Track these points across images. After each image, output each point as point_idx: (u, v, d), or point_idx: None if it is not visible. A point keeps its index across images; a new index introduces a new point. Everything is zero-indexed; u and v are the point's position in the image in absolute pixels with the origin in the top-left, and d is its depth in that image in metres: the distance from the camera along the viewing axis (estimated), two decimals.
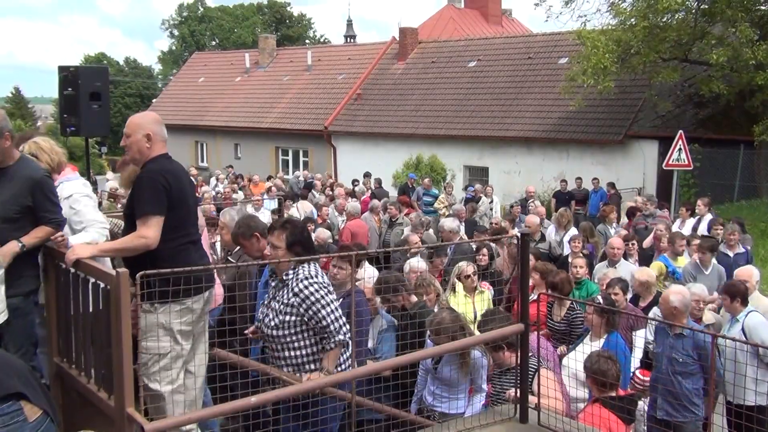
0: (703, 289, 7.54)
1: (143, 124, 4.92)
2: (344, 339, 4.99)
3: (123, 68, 68.67)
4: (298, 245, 5.10)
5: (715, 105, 22.30)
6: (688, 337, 6.38)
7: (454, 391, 5.85)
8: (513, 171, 26.43)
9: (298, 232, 5.17)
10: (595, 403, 5.69)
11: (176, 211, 4.78)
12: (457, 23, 45.75)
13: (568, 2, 23.24)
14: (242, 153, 36.60)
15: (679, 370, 6.37)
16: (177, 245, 4.80)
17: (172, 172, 4.85)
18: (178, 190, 4.80)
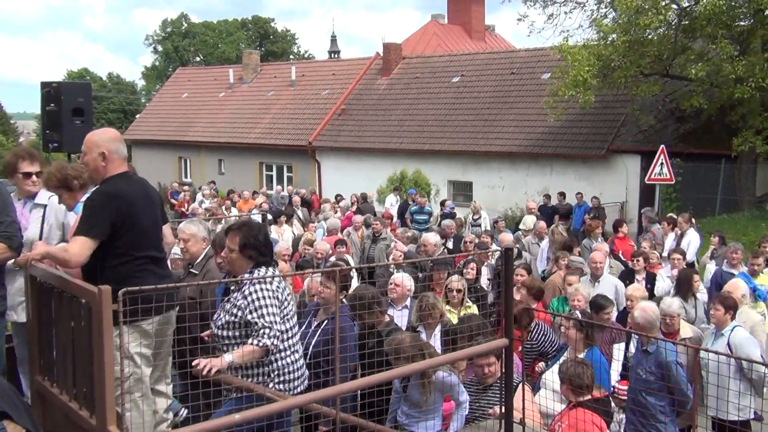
0: (671, 304, 7.54)
1: (99, 142, 4.87)
2: (267, 345, 4.78)
3: (106, 84, 68.46)
4: (251, 248, 5.01)
5: (697, 120, 22.51)
6: (653, 354, 6.43)
7: (425, 412, 5.74)
8: (497, 186, 26.52)
9: (252, 235, 5.06)
10: (574, 408, 5.69)
11: (128, 234, 4.75)
12: (441, 39, 45.97)
13: (550, 17, 23.43)
14: (226, 169, 36.50)
15: (642, 387, 6.41)
16: (130, 268, 4.77)
17: (122, 196, 4.78)
18: (128, 214, 4.75)
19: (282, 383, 4.96)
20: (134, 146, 42.63)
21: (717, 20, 19.29)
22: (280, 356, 4.96)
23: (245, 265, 5.05)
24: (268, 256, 5.17)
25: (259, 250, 5.05)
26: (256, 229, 5.20)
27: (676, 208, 20.43)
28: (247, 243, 5.01)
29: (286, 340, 4.99)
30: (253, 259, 5.03)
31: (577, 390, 5.71)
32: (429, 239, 11.55)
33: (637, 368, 6.49)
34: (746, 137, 19.23)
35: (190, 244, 6.44)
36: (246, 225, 5.24)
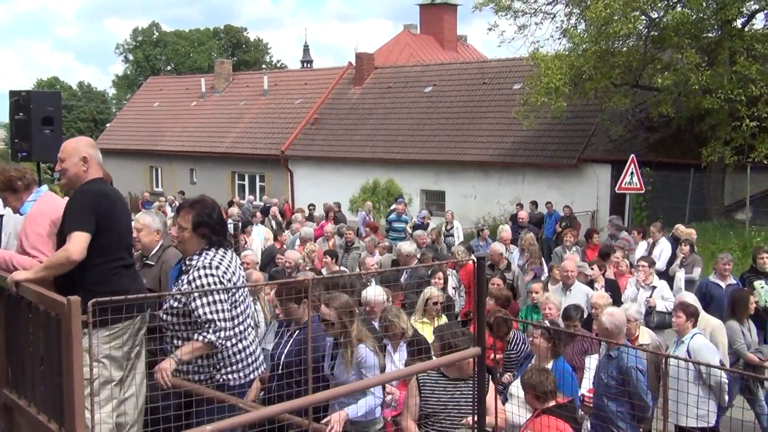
0: (631, 310, 7.63)
1: (79, 147, 4.96)
2: (212, 341, 4.66)
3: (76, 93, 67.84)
4: (204, 226, 4.87)
5: (666, 129, 22.77)
6: (615, 359, 6.51)
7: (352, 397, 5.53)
8: (469, 195, 26.62)
9: (205, 213, 4.92)
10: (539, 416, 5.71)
11: (106, 234, 4.77)
12: (413, 49, 46.14)
13: (521, 28, 23.60)
14: (198, 178, 36.28)
15: (605, 392, 6.48)
16: (107, 269, 4.79)
17: (105, 195, 4.87)
18: (109, 214, 4.80)
19: (231, 372, 4.84)
20: (105, 156, 41.68)
21: (685, 31, 19.54)
22: (230, 344, 4.80)
23: (197, 244, 4.89)
24: (222, 235, 4.99)
25: (213, 229, 4.90)
26: (210, 207, 5.01)
27: (646, 217, 20.65)
28: (201, 221, 4.88)
29: (234, 327, 4.82)
30: (206, 238, 4.88)
31: (541, 397, 5.72)
32: (404, 248, 11.48)
33: (600, 373, 6.58)
34: (715, 147, 19.47)
35: (143, 234, 6.29)
36: (199, 202, 5.06)
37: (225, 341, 4.74)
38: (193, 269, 4.82)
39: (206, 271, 4.77)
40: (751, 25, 20.98)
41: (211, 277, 4.76)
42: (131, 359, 4.97)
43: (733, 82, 18.56)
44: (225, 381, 4.83)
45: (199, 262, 4.84)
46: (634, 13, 19.95)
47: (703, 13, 19.92)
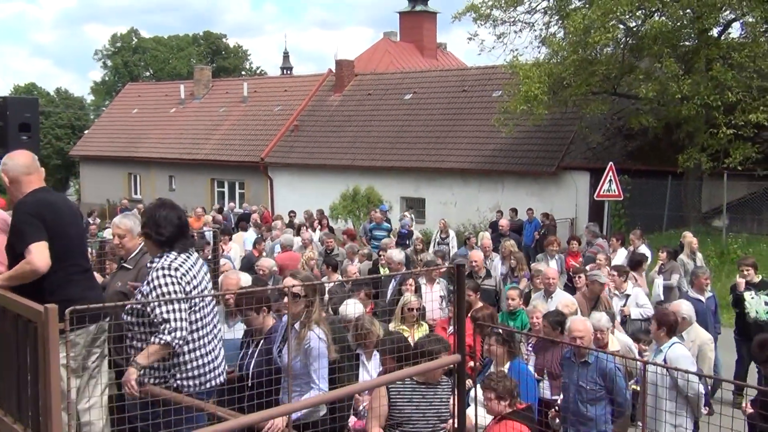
0: (599, 319, 7.64)
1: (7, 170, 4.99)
2: (167, 341, 4.56)
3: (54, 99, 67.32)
4: (146, 227, 4.86)
5: (644, 137, 22.97)
6: (593, 364, 6.58)
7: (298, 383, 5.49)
8: (449, 202, 26.70)
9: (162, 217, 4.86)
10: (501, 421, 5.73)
11: (55, 242, 4.77)
12: (393, 56, 46.27)
13: (500, 37, 23.72)
14: (177, 185, 36.11)
15: (586, 398, 6.53)
16: (60, 277, 4.78)
17: (48, 204, 4.87)
18: (54, 222, 4.80)
19: (189, 379, 4.76)
20: (83, 162, 42.03)
21: (663, 39, 19.74)
22: (187, 349, 4.73)
23: (156, 247, 4.86)
24: (167, 236, 4.88)
25: (157, 231, 4.85)
26: (158, 210, 4.95)
27: (625, 224, 20.79)
28: (144, 222, 4.88)
29: (193, 331, 4.75)
30: (150, 238, 4.86)
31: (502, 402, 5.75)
32: (393, 257, 11.36)
33: (579, 380, 6.60)
34: (691, 154, 19.65)
35: (126, 239, 6.15)
36: (159, 206, 5.02)
37: (181, 342, 4.64)
38: (152, 270, 4.79)
39: (164, 272, 4.71)
40: (728, 34, 21.25)
41: (168, 278, 4.70)
42: (88, 368, 4.92)
43: (710, 89, 18.77)
44: (180, 387, 4.73)
45: (158, 263, 4.80)
46: (612, 21, 20.12)
47: (680, 22, 20.14)
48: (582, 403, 6.59)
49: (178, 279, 4.73)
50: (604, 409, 6.57)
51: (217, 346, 5.01)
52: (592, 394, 6.57)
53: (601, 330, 7.46)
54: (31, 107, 11.79)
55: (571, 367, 6.79)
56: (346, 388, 5.20)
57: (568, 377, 6.78)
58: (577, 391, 6.65)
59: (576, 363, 6.76)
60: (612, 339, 7.76)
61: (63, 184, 62.07)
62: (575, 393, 6.65)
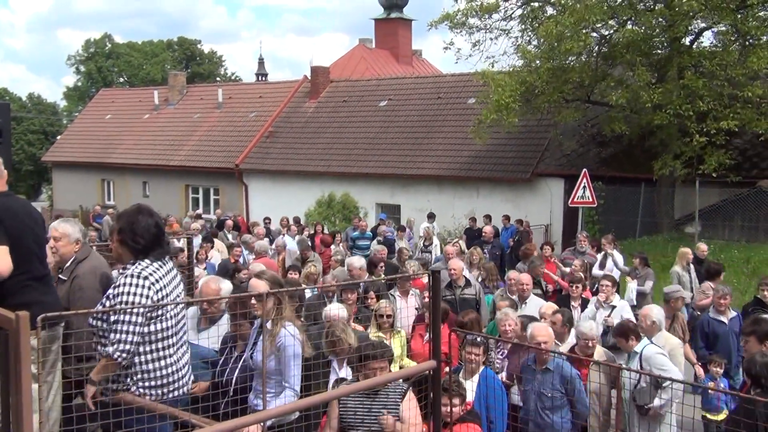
0: (591, 328, 7.66)
1: None
2: (110, 354, 4.51)
3: (26, 104, 66.65)
4: (121, 233, 4.76)
5: (618, 144, 23.16)
6: (555, 371, 6.62)
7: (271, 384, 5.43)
8: (424, 209, 26.68)
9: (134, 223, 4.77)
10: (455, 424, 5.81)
11: (14, 247, 4.77)
12: (368, 63, 46.34)
13: (476, 45, 23.83)
14: (151, 191, 35.87)
15: (548, 405, 6.57)
16: (15, 282, 4.77)
17: (6, 209, 4.87)
18: (12, 227, 4.80)
19: (152, 388, 4.70)
20: (55, 168, 41.63)
21: (635, 48, 19.93)
22: (144, 359, 4.66)
23: (128, 254, 4.78)
24: (142, 244, 4.78)
25: (133, 239, 4.75)
26: (135, 216, 4.85)
27: (599, 231, 20.93)
28: (120, 228, 4.79)
29: (153, 342, 4.68)
30: (126, 245, 4.76)
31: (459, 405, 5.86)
32: (354, 263, 11.19)
33: (540, 388, 6.62)
34: (666, 161, 19.83)
35: (61, 243, 5.95)
36: (137, 213, 4.91)
37: (124, 355, 4.57)
38: (122, 276, 4.72)
39: (132, 279, 4.63)
40: (699, 42, 21.49)
41: (133, 287, 4.61)
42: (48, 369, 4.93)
43: (682, 98, 18.96)
44: (142, 395, 4.67)
45: (129, 270, 4.72)
46: (585, 30, 20.28)
47: (652, 30, 20.34)
48: (543, 410, 6.62)
49: (147, 287, 4.64)
50: (565, 415, 6.62)
51: (183, 356, 4.95)
52: (554, 401, 6.60)
53: (592, 339, 7.50)
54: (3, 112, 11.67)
55: (532, 375, 6.82)
56: (323, 395, 5.18)
57: (529, 385, 6.79)
58: (538, 399, 6.67)
59: (537, 370, 6.79)
60: (598, 349, 7.78)
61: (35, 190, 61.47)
62: (536, 401, 6.67)
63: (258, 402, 5.41)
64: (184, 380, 4.93)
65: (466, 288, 10.67)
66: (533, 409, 6.67)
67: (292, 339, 5.40)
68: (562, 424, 6.57)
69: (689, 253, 13.23)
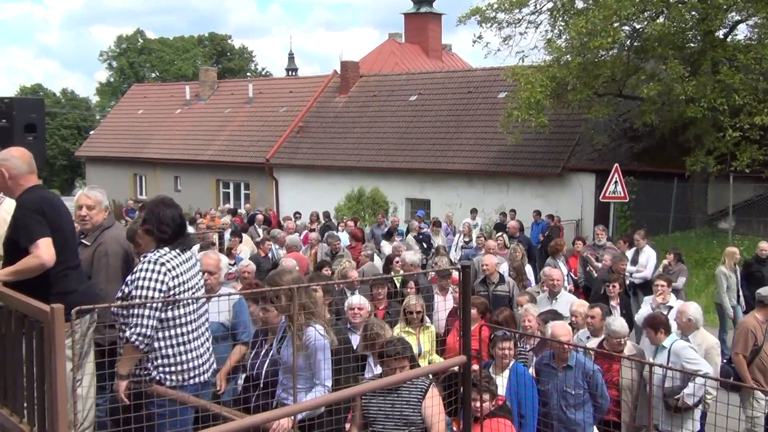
0: (623, 326, 7.59)
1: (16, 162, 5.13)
2: (128, 338, 4.65)
3: (60, 100, 67.53)
4: (146, 223, 4.95)
5: (650, 139, 22.91)
6: (576, 368, 6.59)
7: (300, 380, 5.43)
8: (454, 203, 26.65)
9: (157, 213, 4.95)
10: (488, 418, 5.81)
11: (53, 238, 4.90)
12: (398, 57, 46.23)
13: (505, 39, 23.69)
14: (182, 186, 36.17)
15: (571, 403, 6.53)
16: (55, 272, 4.90)
17: (47, 201, 5.04)
18: (53, 218, 4.96)
19: (171, 373, 4.82)
20: (89, 163, 42.12)
21: (667, 41, 19.69)
22: (164, 344, 4.80)
23: (149, 243, 4.96)
24: (169, 234, 4.96)
25: (159, 228, 4.93)
26: (160, 207, 5.04)
27: (630, 226, 20.74)
28: (146, 219, 4.96)
29: (172, 327, 4.82)
30: (151, 235, 4.94)
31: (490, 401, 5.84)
32: (407, 258, 11.27)
33: (562, 386, 6.60)
34: (698, 157, 19.58)
35: (95, 212, 6.03)
36: (151, 202, 5.14)
37: (142, 339, 4.70)
38: (141, 262, 4.90)
39: (150, 265, 4.80)
40: (733, 35, 21.17)
41: (151, 272, 4.78)
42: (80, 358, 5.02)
43: (716, 92, 18.70)
44: (162, 380, 4.81)
45: (148, 256, 4.89)
46: (616, 24, 20.07)
47: (685, 24, 20.07)
48: (567, 408, 6.59)
49: (163, 273, 4.80)
50: (588, 411, 6.61)
51: (204, 343, 5.07)
52: (576, 398, 6.57)
53: (623, 336, 7.45)
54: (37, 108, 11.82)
55: (551, 374, 6.80)
56: (344, 391, 5.17)
57: (550, 384, 6.76)
58: (561, 397, 6.64)
59: (557, 368, 6.77)
60: (627, 344, 7.72)
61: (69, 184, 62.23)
62: (559, 399, 6.65)
63: (285, 396, 5.47)
64: (205, 367, 5.04)
65: (500, 285, 10.61)
66: (556, 408, 6.63)
67: (321, 338, 5.42)
68: (585, 420, 6.53)
69: (737, 252, 12.84)
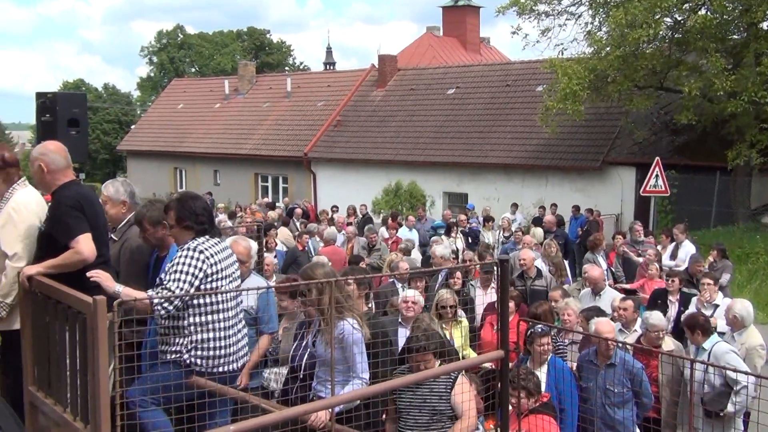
0: (660, 319, 7.51)
1: (36, 155, 5.25)
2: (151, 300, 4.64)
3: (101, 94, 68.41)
4: (186, 220, 5.04)
5: (691, 132, 22.58)
6: (619, 365, 6.51)
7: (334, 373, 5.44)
8: (492, 197, 26.52)
9: (186, 207, 5.08)
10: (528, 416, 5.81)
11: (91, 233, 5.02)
12: (436, 51, 46.10)
13: (544, 31, 23.50)
14: (221, 179, 36.51)
15: (614, 401, 6.46)
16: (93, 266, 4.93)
17: (84, 197, 5.14)
18: (90, 215, 5.09)
19: (201, 358, 4.87)
20: (130, 157, 42.70)
21: (709, 34, 19.37)
22: (198, 329, 4.86)
23: (187, 236, 5.05)
24: (207, 225, 5.13)
25: (196, 220, 5.05)
26: (190, 201, 5.18)
27: (671, 221, 20.47)
28: (182, 216, 5.04)
29: (207, 314, 4.90)
30: (191, 229, 5.04)
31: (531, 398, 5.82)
32: (437, 251, 11.20)
33: (605, 384, 6.53)
34: (740, 150, 19.27)
35: (108, 207, 6.09)
36: (180, 199, 5.24)
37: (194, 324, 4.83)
38: (179, 250, 5.00)
39: (187, 252, 4.89)
40: None
41: (188, 258, 4.86)
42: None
43: (758, 84, 18.37)
44: (192, 364, 4.86)
45: (186, 245, 4.99)
46: (657, 16, 19.79)
47: (728, 16, 19.73)
48: (609, 406, 6.52)
49: (201, 260, 4.88)
50: (631, 411, 6.52)
51: (238, 331, 5.12)
52: (619, 396, 6.49)
53: (661, 330, 7.37)
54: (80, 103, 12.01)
55: (594, 371, 6.72)
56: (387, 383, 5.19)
57: (592, 381, 6.68)
58: (603, 395, 6.56)
59: (600, 366, 6.69)
60: (666, 340, 7.63)
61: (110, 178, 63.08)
62: (602, 397, 6.57)
63: (321, 389, 5.53)
64: (238, 355, 5.09)
65: (537, 279, 10.54)
66: (599, 406, 6.56)
67: (354, 331, 5.44)
68: (626, 418, 6.46)
69: None
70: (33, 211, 5.32)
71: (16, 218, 5.20)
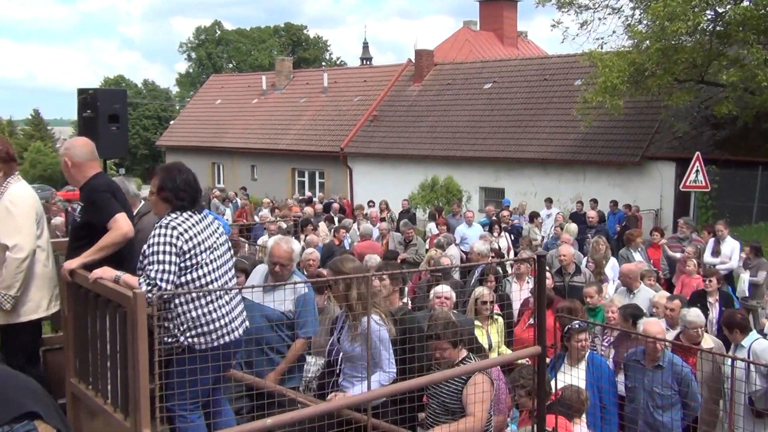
0: (698, 316, 7.41)
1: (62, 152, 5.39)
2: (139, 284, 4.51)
3: (141, 90, 69.29)
4: (165, 190, 4.86)
5: (732, 126, 22.22)
6: (666, 368, 6.39)
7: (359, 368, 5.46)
8: (529, 192, 26.35)
9: (169, 178, 4.89)
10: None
11: None
12: (473, 45, 45.91)
13: (583, 24, 23.29)
14: (259, 174, 36.77)
15: (659, 404, 6.34)
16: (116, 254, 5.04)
17: (113, 184, 5.33)
18: (120, 200, 5.25)
19: (197, 336, 4.72)
20: (169, 152, 43.17)
21: (751, 26, 19.04)
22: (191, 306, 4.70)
23: (164, 208, 4.89)
24: (186, 201, 4.90)
25: (176, 195, 4.86)
26: (175, 173, 4.97)
27: (712, 216, 20.18)
28: (162, 185, 4.88)
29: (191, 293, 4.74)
30: (169, 202, 4.86)
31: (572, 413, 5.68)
32: (476, 247, 11.30)
33: (651, 386, 6.41)
34: None
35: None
36: (166, 168, 5.10)
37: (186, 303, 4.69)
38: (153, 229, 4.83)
39: (159, 230, 4.73)
40: None
41: (160, 236, 4.69)
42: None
43: None
44: (191, 344, 4.72)
45: (159, 222, 4.84)
46: (696, 8, 19.49)
47: None
48: (654, 409, 6.41)
49: (174, 237, 4.70)
50: (677, 414, 6.37)
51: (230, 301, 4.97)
52: (666, 399, 6.38)
53: (699, 327, 7.28)
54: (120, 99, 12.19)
55: (640, 372, 6.57)
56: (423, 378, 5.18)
57: (639, 382, 6.55)
58: (649, 397, 6.44)
59: (647, 367, 6.56)
60: (706, 337, 7.53)
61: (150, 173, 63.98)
62: (647, 399, 6.44)
63: (346, 385, 5.58)
64: (233, 325, 4.92)
65: (576, 275, 10.46)
66: (643, 408, 6.45)
67: (377, 327, 5.40)
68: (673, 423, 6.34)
69: None
70: (30, 204, 5.46)
71: (14, 210, 5.31)
